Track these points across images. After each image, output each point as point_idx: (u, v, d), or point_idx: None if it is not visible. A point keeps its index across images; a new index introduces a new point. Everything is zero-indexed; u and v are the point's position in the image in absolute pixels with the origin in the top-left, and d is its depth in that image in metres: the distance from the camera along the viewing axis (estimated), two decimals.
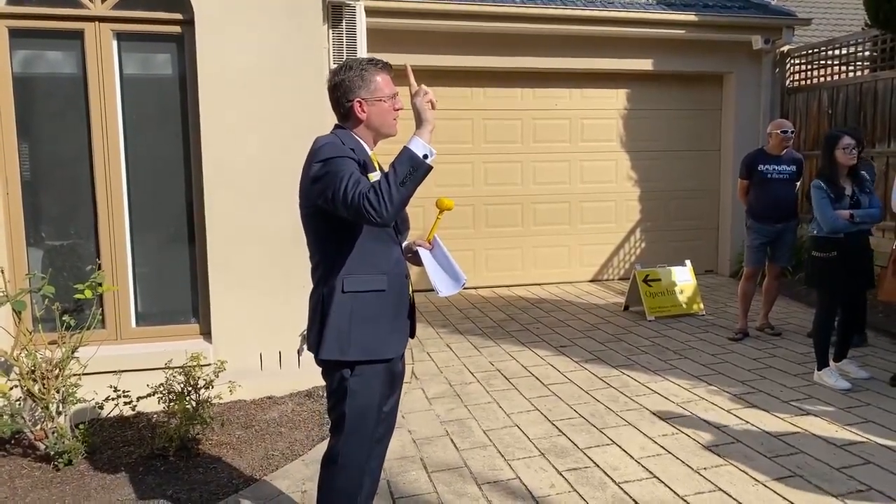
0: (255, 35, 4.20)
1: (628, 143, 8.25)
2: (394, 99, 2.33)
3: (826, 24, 11.74)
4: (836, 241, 4.45)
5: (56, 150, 4.21)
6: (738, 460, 3.49)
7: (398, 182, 2.04)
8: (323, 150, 2.19)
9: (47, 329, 3.87)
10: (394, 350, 2.35)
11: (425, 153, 2.10)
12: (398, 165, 2.07)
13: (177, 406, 3.58)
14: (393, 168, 2.07)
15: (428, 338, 5.87)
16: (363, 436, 2.33)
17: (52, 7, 4.06)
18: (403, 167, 2.06)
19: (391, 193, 2.03)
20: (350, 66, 2.30)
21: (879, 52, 7.21)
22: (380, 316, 2.30)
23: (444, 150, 7.65)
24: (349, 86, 2.27)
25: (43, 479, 3.36)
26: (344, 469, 2.34)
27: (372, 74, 2.28)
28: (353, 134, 2.32)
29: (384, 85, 2.30)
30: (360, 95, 2.27)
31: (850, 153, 4.43)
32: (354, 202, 2.04)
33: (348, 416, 2.29)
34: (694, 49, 7.95)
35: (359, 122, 2.31)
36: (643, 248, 8.43)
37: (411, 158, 2.08)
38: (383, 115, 2.32)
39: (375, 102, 2.29)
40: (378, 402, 2.35)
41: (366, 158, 2.27)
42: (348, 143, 2.25)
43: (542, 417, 4.11)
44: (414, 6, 6.88)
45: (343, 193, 2.06)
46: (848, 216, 4.39)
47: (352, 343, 2.26)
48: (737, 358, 5.21)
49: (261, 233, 4.18)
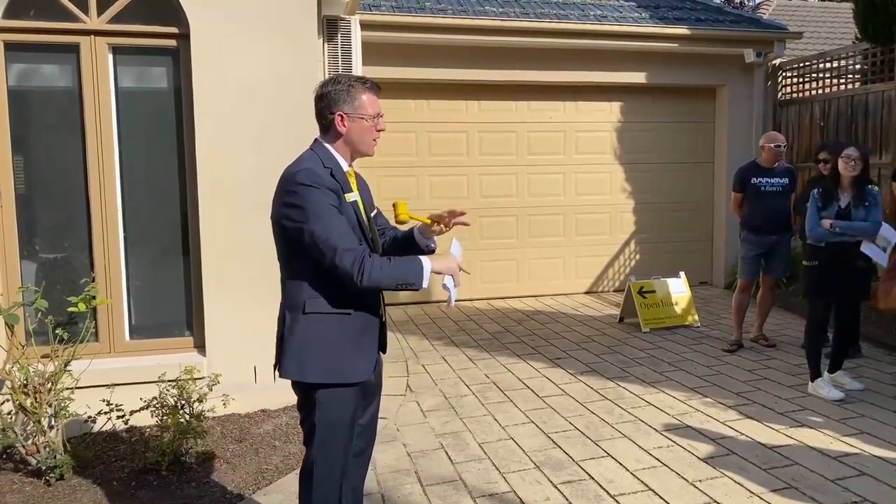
0: (250, 49, 4.22)
1: (622, 156, 8.29)
2: (376, 119, 2.33)
3: (817, 37, 11.87)
4: (819, 250, 4.49)
5: (50, 163, 4.21)
6: (734, 472, 3.48)
7: (395, 280, 2.17)
8: (301, 174, 2.20)
9: (40, 342, 3.85)
10: (359, 374, 2.31)
11: (426, 278, 2.23)
12: (406, 272, 2.20)
13: (170, 420, 3.56)
14: (401, 267, 2.18)
15: (423, 350, 5.86)
16: (335, 448, 2.30)
17: (48, 21, 4.07)
18: (408, 277, 2.19)
19: (380, 280, 2.15)
20: (338, 80, 2.32)
21: (870, 65, 7.28)
22: (342, 339, 2.27)
23: (439, 163, 7.74)
24: (334, 98, 2.28)
25: (34, 494, 3.34)
26: (319, 482, 2.31)
27: (358, 91, 2.29)
28: (331, 150, 2.32)
29: (369, 104, 2.31)
30: (343, 109, 2.28)
31: (848, 164, 4.43)
32: (345, 267, 2.12)
33: (318, 428, 2.28)
34: (687, 62, 8.02)
35: (338, 135, 2.32)
36: (638, 260, 8.45)
37: (418, 277, 2.21)
38: (363, 132, 2.32)
39: (357, 119, 2.30)
40: (350, 415, 2.32)
41: (342, 179, 2.28)
42: (327, 163, 2.27)
43: (537, 430, 4.10)
44: (409, 20, 6.93)
45: (334, 253, 2.13)
46: (828, 225, 4.41)
47: (311, 366, 2.24)
48: (731, 369, 5.22)
49: (255, 246, 4.17)
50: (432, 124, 7.67)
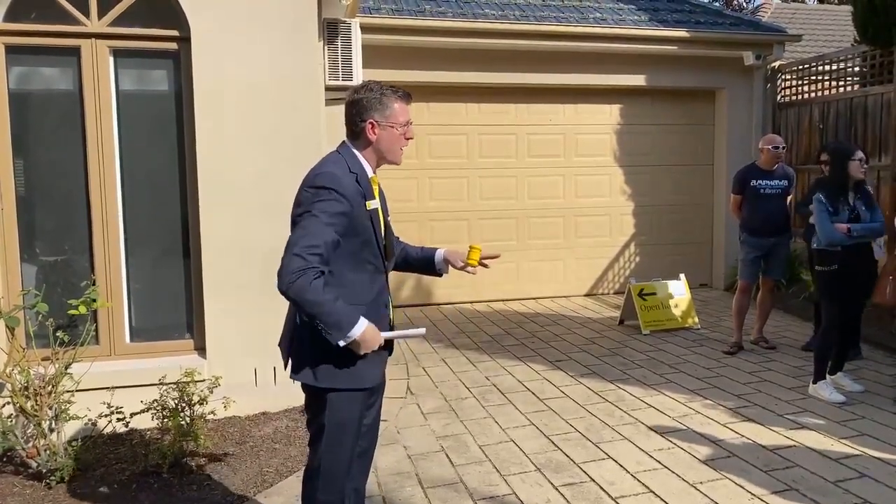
0: (251, 52, 4.23)
1: (622, 158, 8.30)
2: (406, 127, 2.35)
3: (816, 40, 11.88)
4: (835, 254, 4.48)
5: (51, 166, 4.21)
6: (735, 474, 3.48)
7: (316, 313, 2.09)
8: (321, 177, 2.21)
9: (41, 345, 3.85)
10: (368, 380, 2.32)
11: (346, 338, 2.14)
12: (331, 318, 2.10)
13: (171, 422, 3.56)
14: (331, 309, 2.10)
15: (423, 352, 5.86)
16: (343, 449, 2.32)
17: (49, 24, 4.08)
18: (329, 322, 2.10)
19: (302, 300, 2.08)
20: (371, 87, 2.33)
21: (869, 67, 7.29)
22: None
23: (439, 166, 7.75)
24: (366, 105, 2.30)
25: (35, 497, 3.33)
26: (325, 483, 2.33)
27: (391, 100, 2.31)
28: (358, 155, 2.34)
29: (400, 112, 2.32)
30: (374, 117, 2.30)
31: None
32: (285, 265, 2.08)
33: (327, 429, 2.29)
34: (686, 65, 8.03)
35: (368, 142, 2.33)
36: (638, 262, 8.45)
37: (340, 331, 2.12)
38: (393, 141, 2.34)
39: (388, 127, 2.31)
40: (359, 415, 2.34)
41: (367, 185, 2.30)
42: (354, 168, 2.28)
43: (537, 432, 4.10)
44: (409, 23, 6.94)
45: (291, 248, 2.11)
46: (845, 230, 4.42)
47: (323, 370, 2.26)
48: (732, 371, 5.22)
49: (255, 248, 4.17)
50: (432, 127, 7.68)
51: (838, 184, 4.54)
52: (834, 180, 4.60)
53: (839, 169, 4.55)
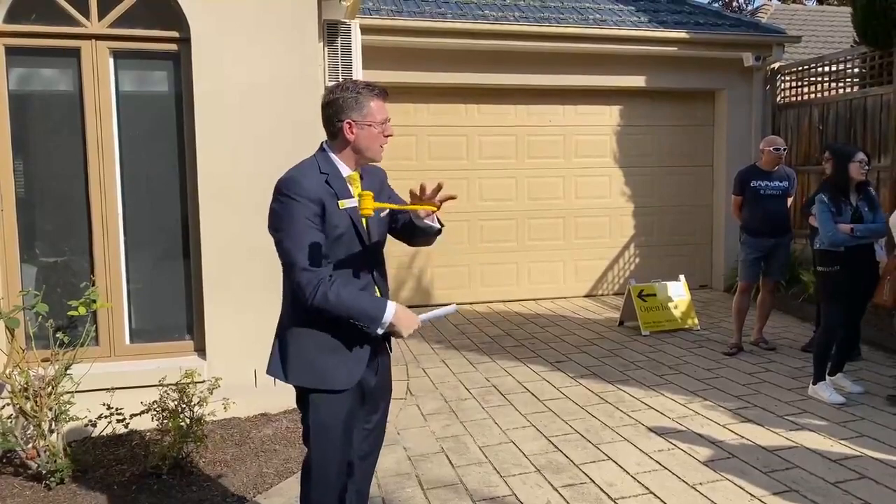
0: (251, 53, 4.23)
1: (622, 159, 8.30)
2: (384, 125, 2.32)
3: (816, 41, 11.89)
4: (838, 255, 4.49)
5: (51, 167, 4.21)
6: (734, 475, 3.48)
7: (347, 313, 2.17)
8: (281, 183, 2.23)
9: (40, 346, 3.85)
10: (340, 381, 2.28)
11: (381, 325, 2.21)
12: (362, 310, 2.19)
13: (171, 423, 3.55)
14: (359, 303, 2.18)
15: (423, 353, 5.86)
16: (329, 451, 2.32)
17: (50, 25, 4.08)
18: (361, 316, 2.19)
19: (331, 307, 2.14)
20: (346, 86, 2.30)
21: (868, 68, 7.29)
22: (328, 346, 2.26)
23: (439, 167, 7.75)
24: (342, 105, 2.27)
25: (34, 499, 3.33)
26: (316, 482, 2.35)
27: (367, 98, 2.28)
28: (332, 156, 2.32)
29: (377, 110, 2.29)
30: (352, 117, 2.27)
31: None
32: (300, 283, 2.13)
33: (312, 429, 2.31)
34: (686, 66, 8.03)
35: (346, 142, 2.30)
36: (637, 264, 8.45)
37: (374, 321, 2.19)
38: (371, 139, 2.30)
39: (365, 126, 2.28)
40: (342, 420, 2.31)
41: (339, 186, 2.26)
42: (325, 169, 2.27)
43: (537, 433, 4.10)
44: (408, 24, 6.95)
45: (293, 268, 2.15)
46: (848, 230, 4.43)
47: (293, 368, 2.28)
48: (731, 373, 5.22)
49: (255, 249, 4.16)
50: (432, 128, 7.68)
51: (839, 185, 4.55)
52: (835, 181, 4.61)
53: (840, 170, 4.57)
